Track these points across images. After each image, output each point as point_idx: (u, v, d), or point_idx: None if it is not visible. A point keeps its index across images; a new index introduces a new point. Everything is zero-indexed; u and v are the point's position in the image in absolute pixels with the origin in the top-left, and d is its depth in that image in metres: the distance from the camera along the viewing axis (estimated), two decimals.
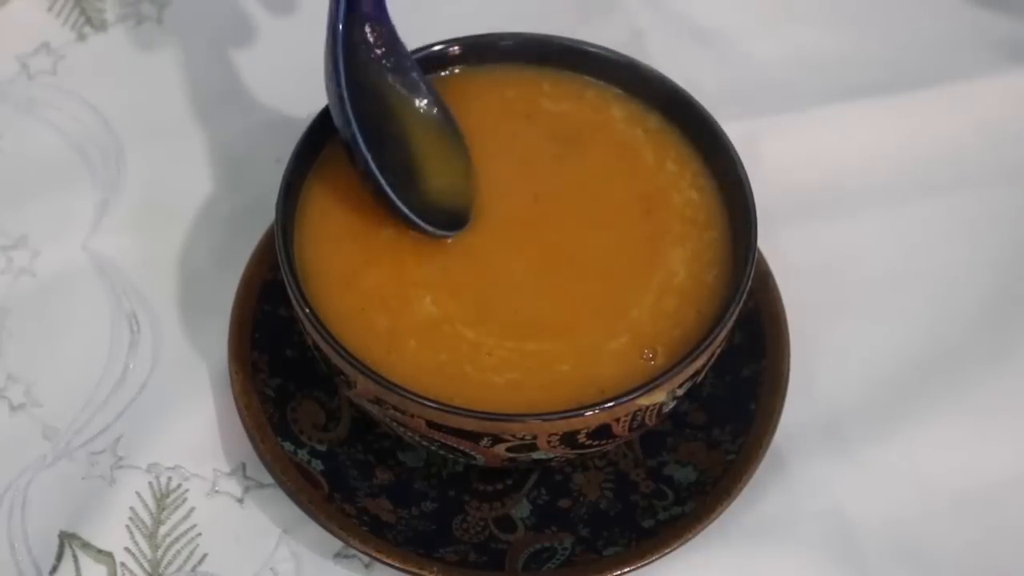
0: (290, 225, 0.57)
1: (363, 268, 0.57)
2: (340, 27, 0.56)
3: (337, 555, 0.60)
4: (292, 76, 0.72)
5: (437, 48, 0.62)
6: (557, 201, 0.59)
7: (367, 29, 0.59)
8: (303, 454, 0.60)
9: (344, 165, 0.59)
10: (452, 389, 0.54)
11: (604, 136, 0.61)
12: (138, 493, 0.61)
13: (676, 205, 0.59)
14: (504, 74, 0.62)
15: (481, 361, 0.55)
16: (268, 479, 0.61)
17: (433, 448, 0.56)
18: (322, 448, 0.61)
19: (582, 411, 0.53)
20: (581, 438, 0.54)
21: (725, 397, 0.62)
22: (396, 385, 0.53)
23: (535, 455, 0.55)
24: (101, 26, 0.74)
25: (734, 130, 0.60)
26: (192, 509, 0.61)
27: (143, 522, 0.60)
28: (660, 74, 0.61)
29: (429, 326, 0.56)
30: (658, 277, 0.57)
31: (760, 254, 0.62)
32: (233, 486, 0.61)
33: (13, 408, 0.63)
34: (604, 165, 0.60)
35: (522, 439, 0.54)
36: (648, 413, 0.55)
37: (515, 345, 0.55)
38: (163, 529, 0.60)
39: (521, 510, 0.60)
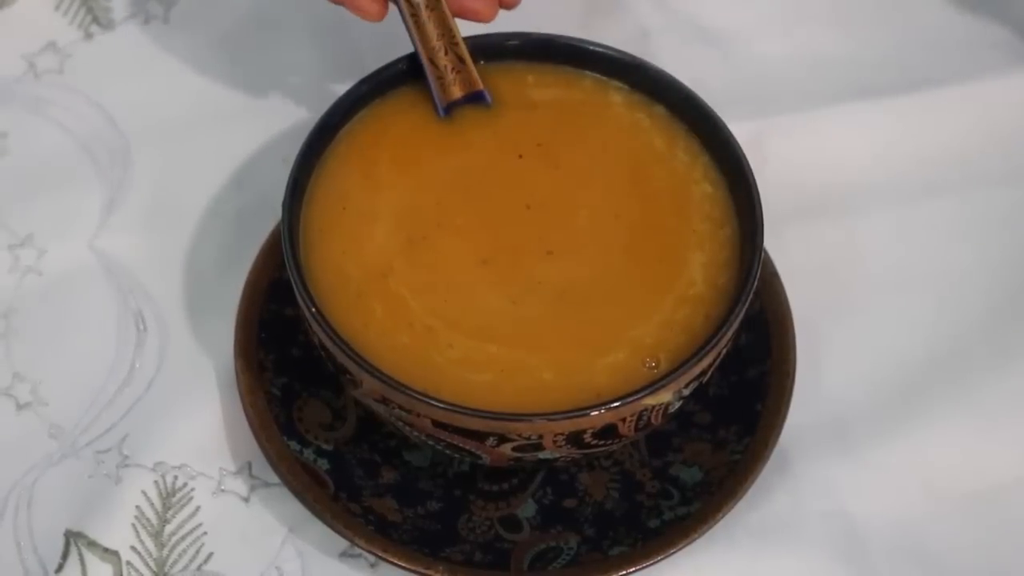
0: (296, 224, 0.58)
1: (369, 267, 0.57)
2: None
3: (343, 554, 0.60)
4: (299, 75, 0.72)
5: None
6: (573, 202, 0.59)
7: None
8: (309, 453, 0.60)
9: (348, 164, 0.59)
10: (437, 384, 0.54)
11: (612, 128, 0.61)
12: (144, 492, 0.61)
13: (696, 200, 0.59)
14: (508, 72, 0.62)
15: (475, 372, 0.55)
16: (274, 478, 0.61)
17: (439, 447, 0.56)
18: (328, 447, 0.61)
19: (588, 411, 0.53)
20: (587, 438, 0.54)
21: (731, 397, 0.62)
22: (402, 384, 0.53)
23: (541, 455, 0.55)
24: (108, 25, 0.74)
25: (740, 130, 0.60)
26: (198, 508, 0.61)
27: (149, 521, 0.60)
28: (666, 73, 0.61)
29: (427, 330, 0.56)
30: (675, 291, 0.57)
31: (766, 254, 0.62)
32: (239, 485, 0.61)
33: (19, 407, 0.63)
34: (619, 160, 0.60)
35: (528, 439, 0.54)
36: (654, 413, 0.55)
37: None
38: (169, 528, 0.60)
39: (527, 510, 0.60)
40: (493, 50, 0.62)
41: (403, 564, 0.57)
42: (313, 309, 0.55)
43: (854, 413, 0.63)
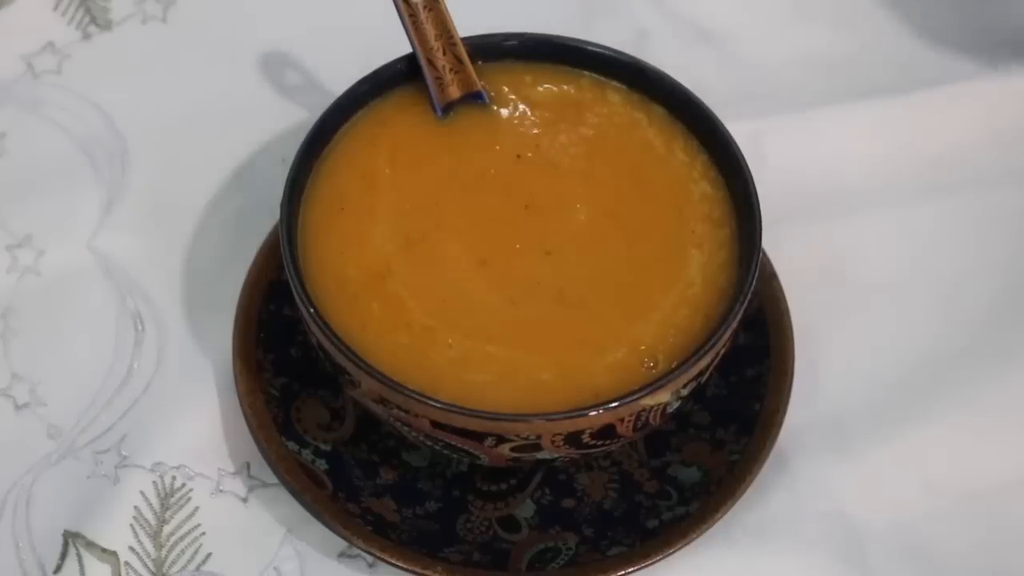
0: (295, 224, 0.58)
1: (367, 267, 0.57)
2: None
3: (341, 555, 0.60)
4: (297, 74, 0.72)
5: None
6: (576, 200, 0.59)
7: None
8: (307, 453, 0.60)
9: (347, 165, 0.59)
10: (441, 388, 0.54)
11: (610, 128, 0.61)
12: (142, 492, 0.61)
13: (694, 200, 0.59)
14: (506, 72, 0.62)
15: (472, 372, 0.55)
16: (272, 478, 0.61)
17: (437, 448, 0.56)
18: (326, 447, 0.61)
19: (586, 411, 0.53)
20: (585, 438, 0.54)
21: (729, 397, 0.62)
22: (401, 385, 0.53)
23: (539, 455, 0.55)
24: (106, 25, 0.74)
25: (739, 130, 0.60)
26: (196, 508, 0.61)
27: (147, 521, 0.60)
28: (665, 73, 0.61)
29: (426, 331, 0.56)
30: (674, 291, 0.57)
31: (765, 254, 0.62)
32: (237, 485, 0.61)
33: (18, 407, 0.63)
34: (618, 160, 0.60)
35: (526, 439, 0.54)
36: (652, 413, 0.55)
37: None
38: (167, 528, 0.60)
39: (525, 510, 0.60)
40: (491, 50, 0.62)
41: (402, 564, 0.57)
42: (311, 309, 0.55)
43: (853, 413, 0.63)
